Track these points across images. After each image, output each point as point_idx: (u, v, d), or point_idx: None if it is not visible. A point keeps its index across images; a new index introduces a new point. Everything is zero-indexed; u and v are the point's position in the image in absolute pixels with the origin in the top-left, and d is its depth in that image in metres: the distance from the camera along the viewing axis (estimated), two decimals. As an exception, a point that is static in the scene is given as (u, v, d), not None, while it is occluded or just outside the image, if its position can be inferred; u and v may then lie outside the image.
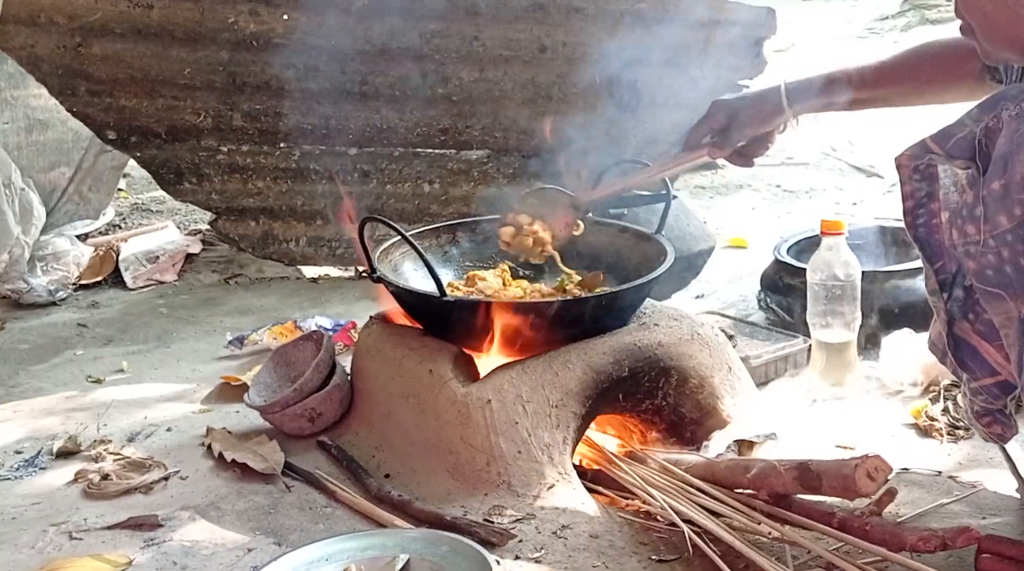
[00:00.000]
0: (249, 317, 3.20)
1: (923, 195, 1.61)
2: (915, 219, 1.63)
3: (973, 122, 1.51)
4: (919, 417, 2.17)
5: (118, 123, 3.38)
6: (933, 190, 1.61)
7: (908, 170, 1.61)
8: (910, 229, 1.64)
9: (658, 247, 2.19)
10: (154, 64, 3.30)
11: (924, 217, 1.62)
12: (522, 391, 1.96)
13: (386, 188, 3.48)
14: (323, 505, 1.98)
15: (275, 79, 3.34)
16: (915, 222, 1.63)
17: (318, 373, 2.23)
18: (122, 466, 2.16)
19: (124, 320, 3.27)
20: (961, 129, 1.52)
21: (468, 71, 3.38)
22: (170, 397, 2.59)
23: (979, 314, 1.59)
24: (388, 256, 2.22)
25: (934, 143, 1.55)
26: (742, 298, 2.92)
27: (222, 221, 3.51)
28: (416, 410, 2.06)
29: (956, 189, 1.56)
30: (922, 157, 1.57)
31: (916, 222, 1.63)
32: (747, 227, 3.72)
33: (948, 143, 1.53)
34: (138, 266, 3.64)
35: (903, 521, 1.78)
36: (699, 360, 2.10)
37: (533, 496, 1.89)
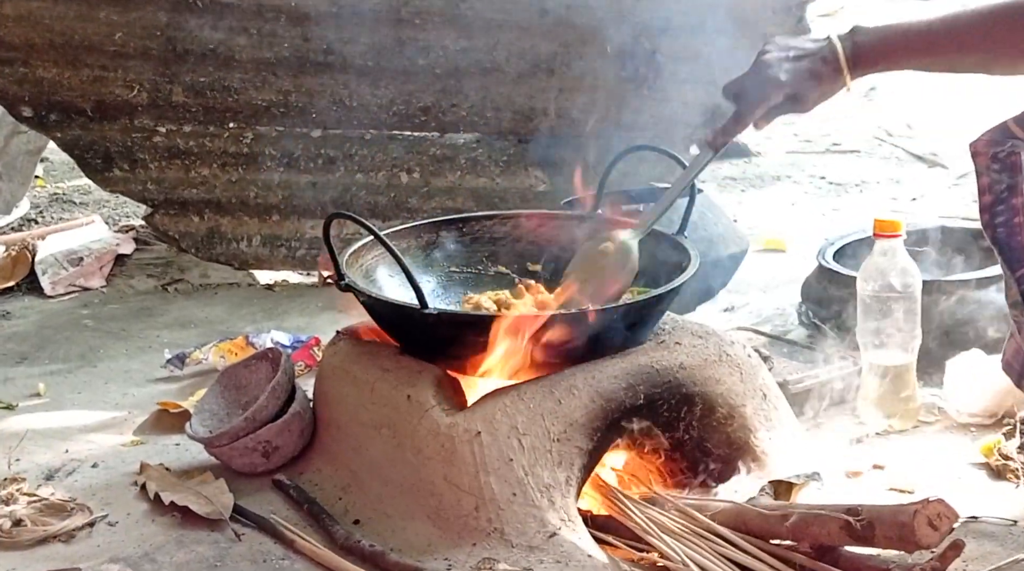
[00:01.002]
0: (191, 331, 3.20)
1: (1003, 189, 1.61)
2: (993, 218, 1.63)
3: None
4: (991, 455, 2.18)
5: (34, 98, 3.38)
6: (1015, 183, 1.61)
7: (986, 158, 1.61)
8: (987, 229, 1.64)
9: (680, 251, 2.20)
10: (78, 27, 3.31)
11: (1004, 215, 1.62)
12: (518, 422, 1.96)
13: (356, 178, 3.48)
14: (279, 557, 1.98)
15: (223, 46, 3.35)
16: (993, 221, 1.63)
17: (274, 399, 2.23)
18: (38, 510, 2.16)
19: (41, 334, 3.26)
20: None
21: (454, 39, 3.39)
22: (96, 427, 2.59)
23: None
24: (359, 260, 2.22)
25: (1017, 126, 1.56)
26: (779, 312, 2.93)
27: (159, 216, 3.51)
28: (391, 443, 2.06)
29: None
30: (1003, 143, 1.58)
31: (994, 221, 1.63)
32: (786, 226, 3.73)
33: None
34: (58, 269, 3.64)
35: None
36: (728, 386, 2.10)
37: (530, 547, 1.90)
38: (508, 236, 2.43)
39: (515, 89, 3.46)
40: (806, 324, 2.80)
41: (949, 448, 2.26)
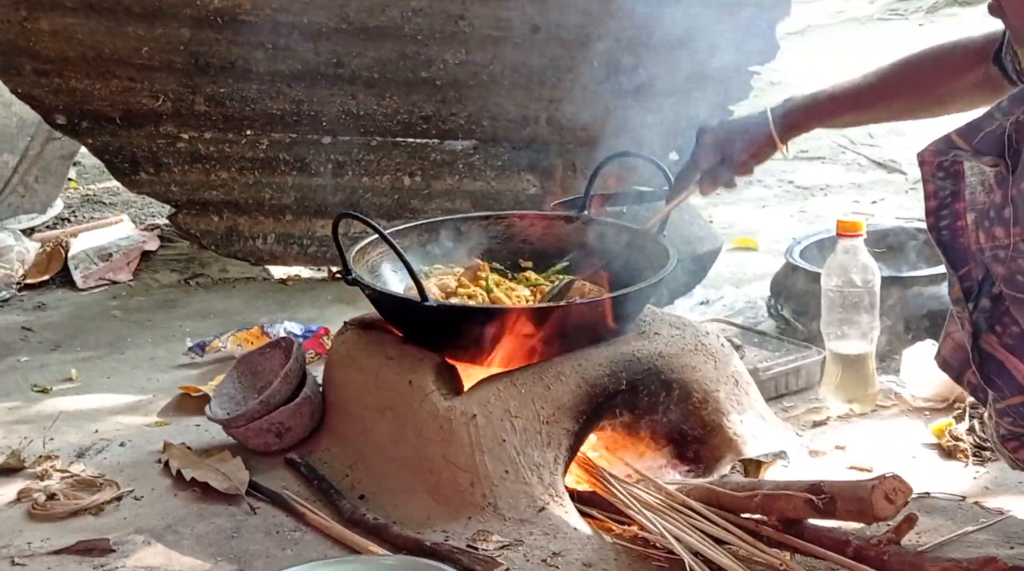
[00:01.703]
0: (211, 321, 3.20)
1: (947, 194, 1.62)
2: (938, 221, 1.64)
3: (1003, 116, 1.52)
4: (942, 437, 2.18)
5: (68, 106, 3.37)
6: (958, 189, 1.61)
7: (931, 167, 1.62)
8: (932, 231, 1.65)
9: (659, 249, 2.20)
10: (108, 41, 3.30)
11: (948, 218, 1.63)
12: (510, 405, 1.96)
13: (363, 181, 3.48)
14: (291, 529, 1.98)
15: (242, 60, 3.34)
16: (938, 224, 1.64)
17: (287, 384, 2.23)
18: (70, 485, 2.16)
19: (73, 324, 3.26)
20: (990, 123, 1.53)
21: (453, 53, 3.38)
22: (124, 409, 2.59)
23: (1008, 326, 1.60)
24: (365, 256, 2.22)
25: (960, 138, 1.56)
26: (750, 305, 2.93)
27: (182, 215, 3.50)
28: (394, 425, 2.06)
29: (983, 188, 1.57)
30: (947, 153, 1.58)
31: (939, 224, 1.64)
32: (757, 227, 3.73)
33: (975, 138, 1.54)
34: (89, 264, 3.63)
35: (924, 550, 1.79)
36: (703, 373, 2.11)
37: (521, 520, 1.90)
38: (502, 235, 2.43)
39: (509, 100, 3.45)
40: (775, 316, 2.80)
41: (904, 430, 2.26)
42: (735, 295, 3.00)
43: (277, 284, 3.53)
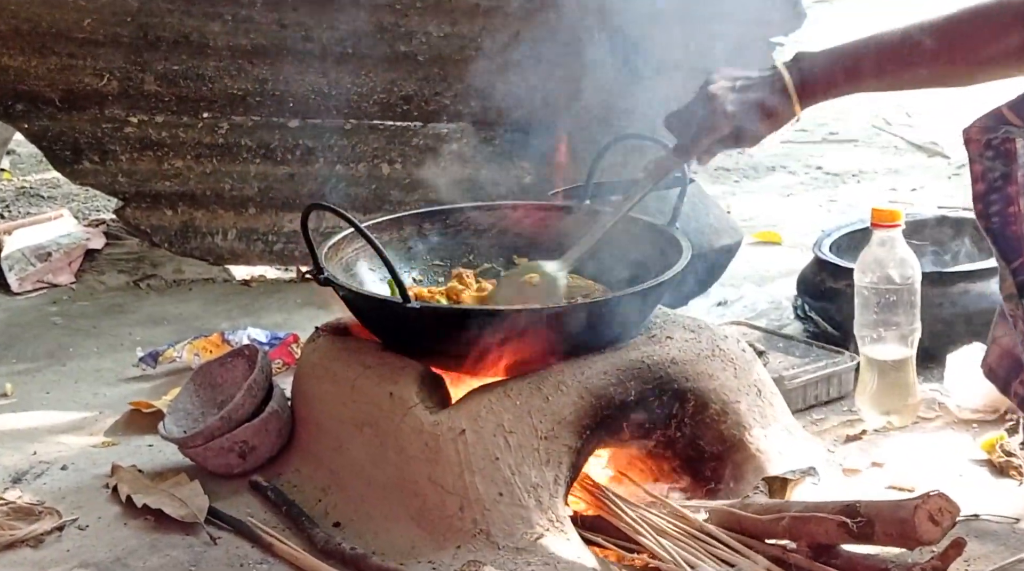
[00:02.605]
0: (164, 328, 3.20)
1: (997, 177, 1.61)
2: (987, 206, 1.64)
3: None
4: (993, 452, 2.19)
5: (0, 87, 3.37)
6: (1010, 171, 1.61)
7: (979, 145, 1.61)
8: (981, 219, 1.65)
9: (672, 242, 2.20)
10: (45, 13, 3.30)
11: (998, 204, 1.63)
12: (504, 420, 1.97)
13: (336, 169, 3.48)
14: (257, 561, 1.98)
15: (197, 33, 3.34)
16: (987, 210, 1.64)
17: (251, 397, 2.23)
18: (5, 514, 2.15)
19: (8, 332, 3.26)
20: None
21: (437, 25, 3.39)
22: (66, 428, 2.59)
23: None
24: (338, 253, 2.22)
25: (1011, 112, 1.56)
26: (775, 305, 2.94)
27: (131, 209, 3.50)
28: (373, 443, 2.06)
29: None
30: (996, 129, 1.58)
31: (988, 210, 1.63)
32: (781, 218, 3.75)
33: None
34: (25, 265, 3.63)
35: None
36: (721, 381, 2.11)
37: (517, 548, 1.90)
38: (493, 228, 2.43)
39: (501, 77, 3.45)
40: (802, 318, 2.80)
41: (950, 445, 2.27)
42: (757, 294, 3.01)
43: (239, 286, 3.53)
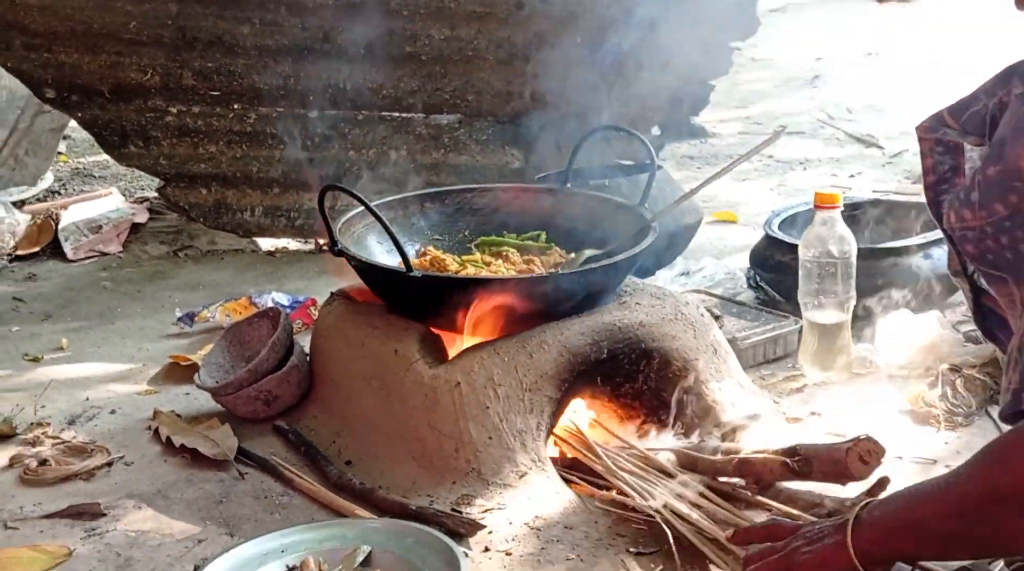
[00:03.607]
0: (200, 292, 3.19)
1: (947, 169, 1.58)
2: (937, 195, 1.60)
3: (987, 96, 1.50)
4: (916, 403, 2.20)
5: (57, 80, 3.35)
6: (958, 164, 1.58)
7: (930, 142, 1.59)
8: (931, 206, 1.60)
9: (641, 221, 2.20)
10: (96, 16, 3.28)
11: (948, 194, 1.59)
12: (493, 373, 1.97)
13: (349, 154, 3.47)
14: (279, 494, 1.99)
15: (229, 34, 3.33)
16: (937, 198, 1.60)
17: (274, 353, 2.23)
18: (62, 451, 2.16)
19: (64, 294, 3.26)
20: (975, 103, 1.52)
21: (439, 29, 3.38)
22: (114, 377, 2.59)
23: None
24: (351, 228, 2.22)
25: (950, 116, 1.54)
26: (730, 276, 2.94)
27: (171, 188, 3.49)
28: (380, 393, 2.07)
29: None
30: (937, 130, 1.57)
31: (938, 199, 1.60)
32: (736, 200, 3.74)
33: (963, 116, 1.53)
34: (79, 236, 3.63)
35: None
36: (683, 341, 2.11)
37: (504, 485, 1.91)
38: (487, 207, 2.43)
39: (494, 74, 3.45)
40: (753, 287, 2.81)
41: (879, 397, 2.27)
42: (715, 266, 3.01)
43: (265, 256, 3.53)
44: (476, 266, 2.19)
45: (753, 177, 4.03)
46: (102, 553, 1.83)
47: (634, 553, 1.76)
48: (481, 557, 1.76)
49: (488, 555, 1.77)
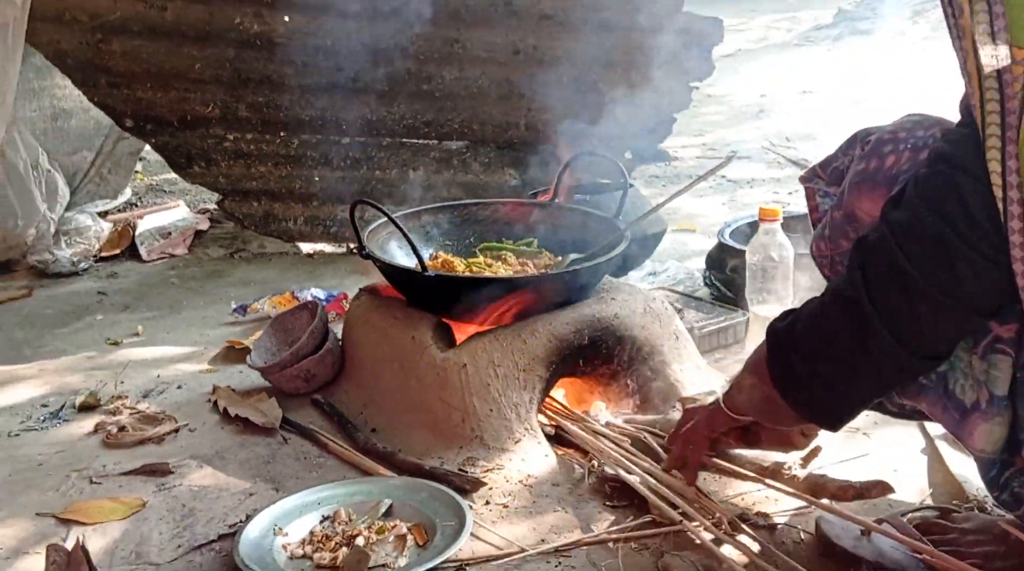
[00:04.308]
0: (251, 288, 3.19)
1: (825, 209, 1.61)
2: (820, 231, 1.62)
3: (843, 154, 1.56)
4: (842, 382, 2.19)
5: (135, 112, 3.35)
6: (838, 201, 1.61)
7: (811, 190, 1.63)
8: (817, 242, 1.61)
9: (616, 230, 2.20)
10: (167, 60, 3.27)
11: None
12: (494, 357, 1.96)
13: (375, 174, 3.47)
14: (316, 456, 1.99)
15: (276, 74, 3.32)
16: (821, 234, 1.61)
17: (312, 338, 2.22)
18: (137, 419, 2.16)
19: (139, 289, 3.25)
20: (836, 159, 1.57)
21: (449, 70, 3.37)
22: (180, 358, 2.59)
23: None
24: (376, 235, 2.21)
25: (820, 169, 1.60)
26: (689, 276, 2.93)
27: (228, 201, 3.49)
28: (399, 373, 2.06)
29: None
30: (812, 180, 1.61)
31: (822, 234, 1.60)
32: (695, 212, 3.74)
33: (828, 170, 1.58)
34: (152, 241, 3.62)
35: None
36: (651, 330, 2.11)
37: (502, 449, 1.91)
38: (488, 218, 2.42)
39: (495, 108, 3.44)
40: (709, 285, 2.80)
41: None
42: (677, 268, 3.00)
43: (305, 258, 3.52)
44: (479, 267, 2.18)
45: (709, 194, 4.02)
46: (170, 504, 1.82)
47: (609, 506, 1.75)
48: (483, 509, 1.76)
49: (488, 507, 1.77)
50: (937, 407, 1.41)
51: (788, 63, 6.85)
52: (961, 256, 1.24)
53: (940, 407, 1.40)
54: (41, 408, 2.28)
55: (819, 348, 1.39)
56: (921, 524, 1.59)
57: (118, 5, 3.19)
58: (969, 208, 1.23)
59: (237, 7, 3.24)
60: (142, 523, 1.77)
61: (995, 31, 1.18)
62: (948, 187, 1.25)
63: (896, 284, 1.28)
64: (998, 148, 1.19)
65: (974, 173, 1.22)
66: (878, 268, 1.30)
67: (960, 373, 1.37)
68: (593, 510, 1.74)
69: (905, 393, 1.47)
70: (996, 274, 1.24)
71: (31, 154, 3.42)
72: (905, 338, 1.30)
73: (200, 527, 1.74)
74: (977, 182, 1.22)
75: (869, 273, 1.31)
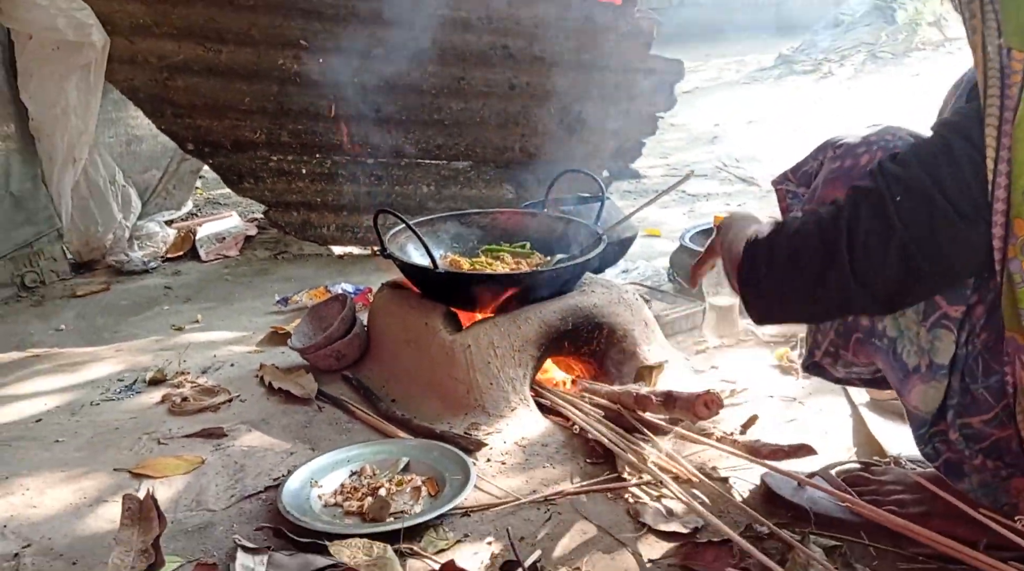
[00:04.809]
0: (292, 283, 3.19)
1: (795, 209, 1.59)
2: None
3: (812, 159, 1.52)
4: (782, 359, 2.19)
5: (195, 137, 3.34)
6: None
7: (781, 191, 1.60)
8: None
9: (595, 235, 2.19)
10: (221, 94, 3.26)
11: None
12: (493, 339, 1.96)
13: (395, 189, 3.47)
14: (346, 422, 1.99)
15: (313, 106, 3.31)
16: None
17: (343, 325, 2.22)
18: (197, 391, 2.15)
19: (199, 284, 3.25)
20: (806, 164, 1.53)
21: (456, 102, 3.37)
22: (233, 341, 2.59)
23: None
24: (396, 239, 2.20)
25: (791, 173, 1.57)
26: (656, 273, 2.93)
27: (272, 212, 3.48)
28: (415, 352, 2.06)
29: None
30: (783, 183, 1.58)
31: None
32: (661, 220, 3.74)
33: (798, 174, 1.55)
34: (210, 244, 3.62)
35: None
36: (624, 317, 2.11)
37: (500, 416, 1.90)
38: (489, 225, 2.41)
39: (494, 134, 3.44)
40: (672, 281, 2.80)
41: (758, 356, 2.27)
42: (646, 266, 3.00)
43: (337, 258, 3.52)
44: (481, 265, 2.17)
45: (671, 206, 4.02)
46: (225, 461, 1.82)
47: (590, 463, 1.75)
48: (484, 465, 1.76)
49: (489, 464, 1.76)
50: (887, 366, 1.39)
51: (737, 98, 6.85)
52: (943, 217, 1.16)
53: (888, 366, 1.38)
54: (117, 382, 2.28)
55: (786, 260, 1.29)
56: (847, 477, 1.58)
57: (181, 49, 3.18)
58: (961, 172, 1.16)
59: (280, 51, 3.23)
60: (201, 477, 1.76)
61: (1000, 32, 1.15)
62: (945, 150, 1.18)
63: (877, 228, 1.19)
64: (995, 126, 1.15)
65: (973, 141, 1.16)
66: (864, 209, 1.21)
67: (907, 341, 1.34)
68: (575, 466, 1.74)
69: (861, 352, 1.43)
70: (973, 241, 1.16)
71: (109, 172, 3.41)
72: (867, 279, 1.21)
73: (249, 480, 1.74)
74: (974, 149, 1.16)
75: (856, 211, 1.22)
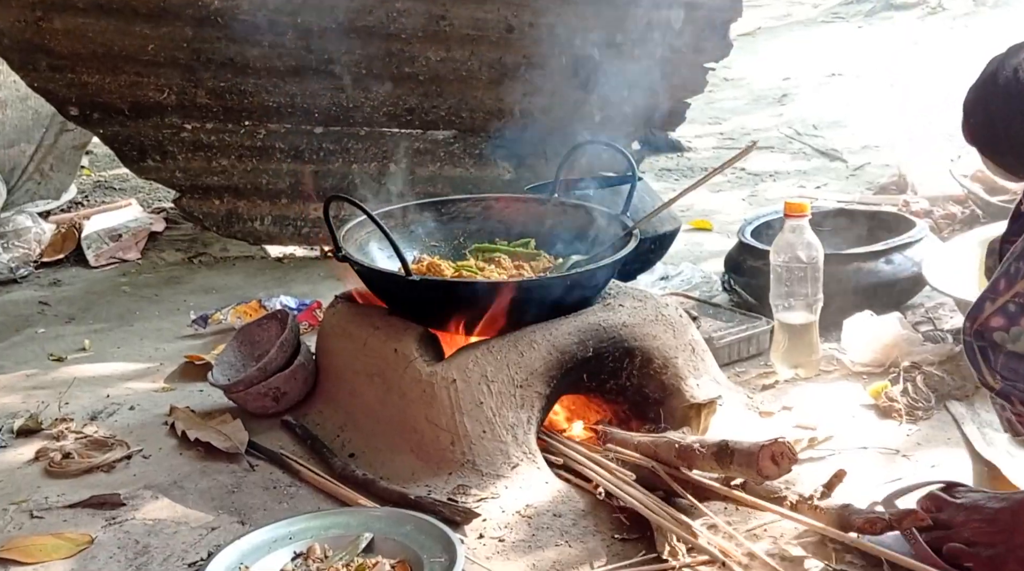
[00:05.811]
0: (213, 296, 3.18)
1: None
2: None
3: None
4: (879, 398, 2.19)
5: (80, 99, 3.34)
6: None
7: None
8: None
9: (623, 229, 2.19)
10: (117, 39, 3.26)
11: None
12: (487, 371, 1.96)
13: (352, 167, 3.47)
14: (287, 484, 1.98)
15: (240, 56, 3.31)
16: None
17: (282, 352, 2.22)
18: (84, 444, 2.15)
19: (86, 298, 3.24)
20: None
21: (435, 51, 3.37)
22: (133, 376, 2.58)
23: None
24: (354, 235, 2.20)
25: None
26: (706, 280, 2.93)
27: (186, 199, 3.48)
28: (381, 389, 2.05)
29: None
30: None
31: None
32: (712, 209, 3.74)
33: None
34: (100, 244, 3.61)
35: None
36: (663, 341, 2.10)
37: (497, 475, 1.90)
38: (480, 216, 2.41)
39: (486, 93, 3.44)
40: (728, 290, 2.80)
41: (845, 392, 2.26)
42: (692, 271, 3.00)
43: (274, 262, 3.52)
44: (470, 270, 2.17)
45: (727, 188, 4.03)
46: (121, 540, 1.81)
47: (619, 539, 1.75)
48: (476, 543, 1.75)
49: (482, 541, 1.76)
50: None
51: (814, 42, 6.87)
52: None
53: None
54: (-25, 433, 2.27)
55: None
56: (924, 500, 1.63)
57: (61, -22, 3.19)
58: None
59: (195, -20, 3.24)
60: (89, 562, 1.75)
61: None
62: None
63: None
64: None
65: None
66: None
67: None
68: (600, 543, 1.74)
69: None
70: None
71: (-38, 147, 3.41)
72: None
73: (156, 566, 1.73)
74: None
75: None
